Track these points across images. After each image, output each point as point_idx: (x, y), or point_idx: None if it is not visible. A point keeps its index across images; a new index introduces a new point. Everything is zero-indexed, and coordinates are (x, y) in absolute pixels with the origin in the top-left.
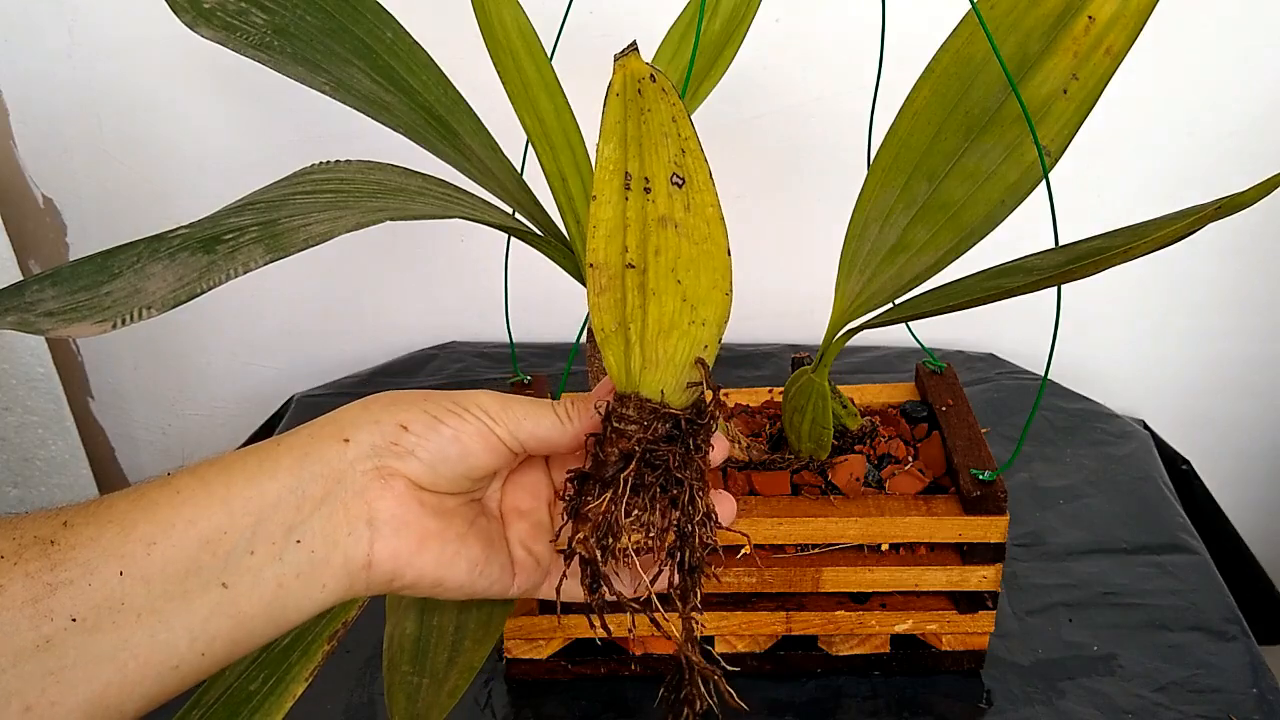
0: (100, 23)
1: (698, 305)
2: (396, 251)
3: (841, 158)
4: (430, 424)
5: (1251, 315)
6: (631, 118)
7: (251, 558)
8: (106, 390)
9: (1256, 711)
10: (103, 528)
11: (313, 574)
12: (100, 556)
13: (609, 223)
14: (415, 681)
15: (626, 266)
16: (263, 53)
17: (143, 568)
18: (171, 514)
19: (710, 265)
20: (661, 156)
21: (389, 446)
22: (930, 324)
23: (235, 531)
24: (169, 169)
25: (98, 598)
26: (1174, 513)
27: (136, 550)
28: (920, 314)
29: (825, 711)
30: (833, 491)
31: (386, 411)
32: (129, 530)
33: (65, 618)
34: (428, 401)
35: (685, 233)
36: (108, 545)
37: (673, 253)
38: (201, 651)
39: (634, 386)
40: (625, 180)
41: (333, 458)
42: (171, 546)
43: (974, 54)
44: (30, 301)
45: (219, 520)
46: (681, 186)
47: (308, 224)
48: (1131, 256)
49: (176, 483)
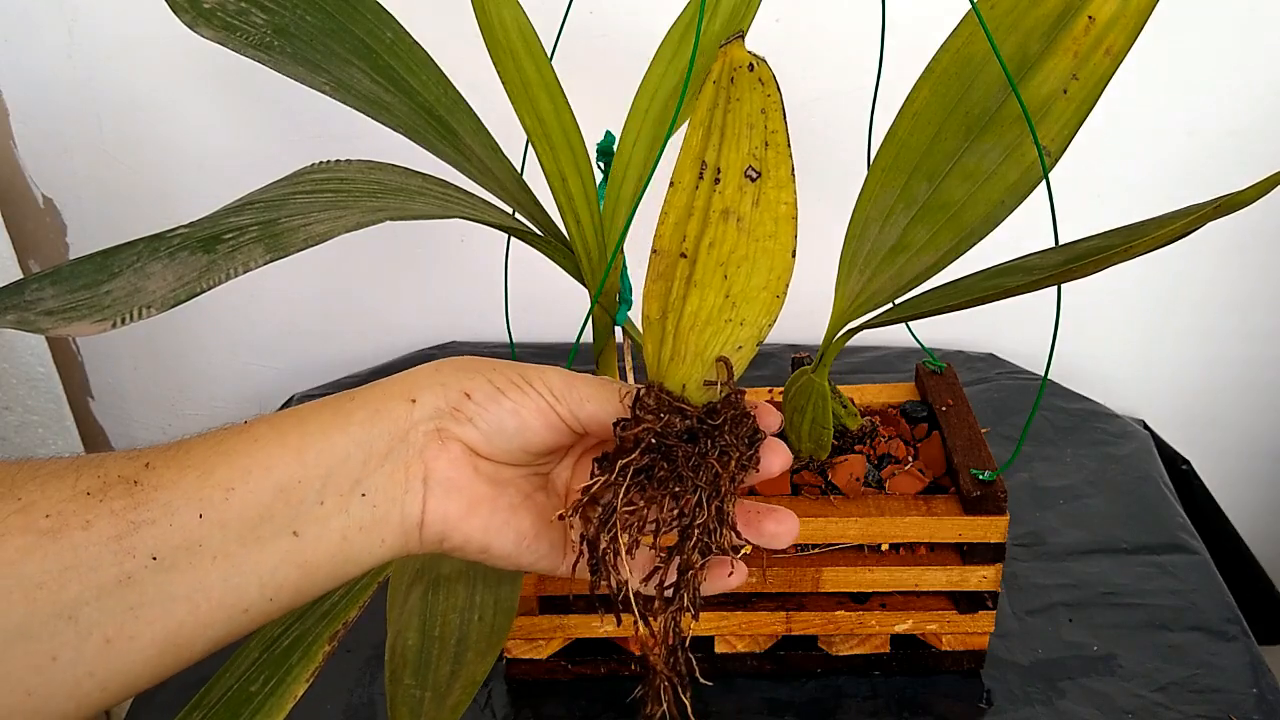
0: (100, 23)
1: (740, 303)
2: (396, 251)
3: (841, 158)
4: (492, 395)
5: (1251, 315)
6: (719, 106)
7: (321, 508)
8: (106, 390)
9: (1256, 711)
10: (183, 471)
11: (374, 528)
12: (181, 499)
13: (678, 210)
14: (418, 695)
15: (680, 255)
16: (263, 53)
17: (220, 512)
18: (249, 461)
19: (766, 264)
20: (741, 148)
21: (450, 411)
22: (930, 324)
23: (308, 482)
24: (169, 169)
25: (177, 538)
26: (1174, 513)
27: (215, 495)
28: (920, 314)
29: (825, 711)
30: (833, 491)
31: (454, 376)
32: (208, 475)
33: (146, 555)
34: (494, 371)
35: (747, 228)
36: (188, 488)
37: (727, 246)
38: (270, 597)
39: (660, 377)
40: (700, 169)
41: (400, 416)
42: (249, 493)
43: (974, 54)
44: (30, 300)
45: (294, 470)
46: (755, 180)
47: (308, 224)
48: (1131, 256)
49: (254, 430)
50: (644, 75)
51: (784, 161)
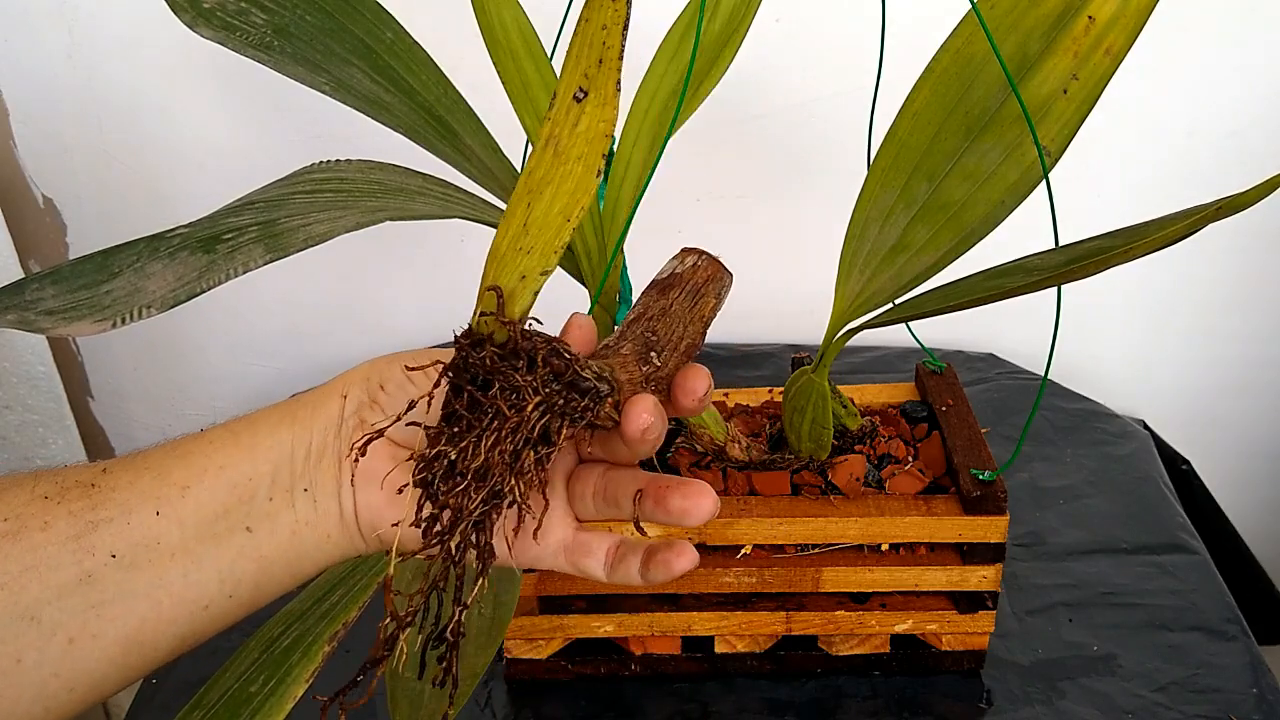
0: (100, 23)
1: (532, 231)
2: (396, 251)
3: (841, 158)
4: (402, 383)
5: (1252, 315)
6: (579, 31)
7: (270, 504)
8: (106, 390)
9: (1256, 711)
10: (139, 473)
11: (318, 523)
12: (138, 498)
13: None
14: (418, 688)
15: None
16: (263, 53)
17: (177, 510)
18: (204, 461)
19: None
20: (579, 69)
21: (369, 403)
22: (930, 324)
23: (258, 479)
24: (169, 169)
25: (136, 536)
26: (1174, 513)
27: (172, 493)
28: (920, 314)
29: (825, 711)
30: (833, 491)
31: (375, 370)
32: (164, 475)
33: (106, 553)
34: (411, 359)
35: (561, 152)
36: (145, 488)
37: (539, 174)
38: (229, 593)
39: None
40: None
41: (334, 411)
42: (204, 490)
43: (974, 54)
44: (30, 300)
45: (245, 467)
46: (580, 101)
47: (307, 224)
48: (1132, 257)
49: (209, 435)
50: (644, 75)
51: (611, 76)
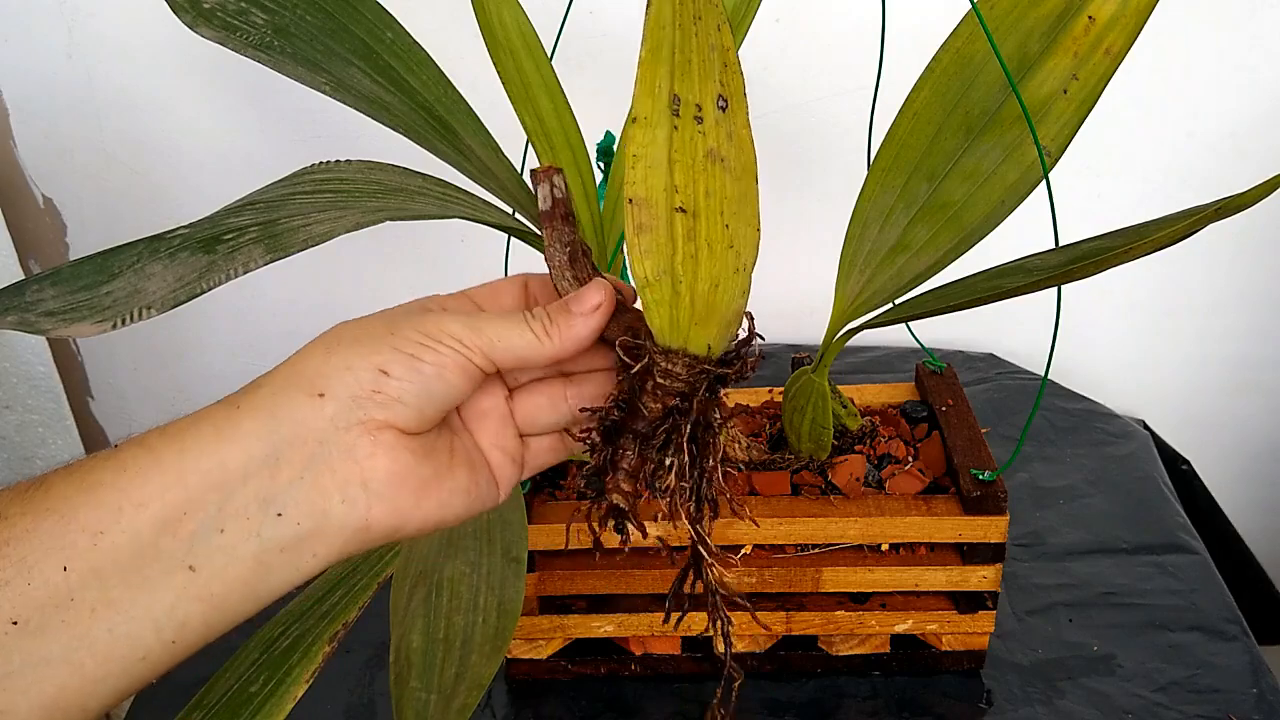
0: (100, 23)
1: (740, 249)
2: (396, 251)
3: (841, 158)
4: (409, 364)
5: (1252, 315)
6: (683, 26)
7: (222, 536)
8: (106, 390)
9: (1256, 711)
10: (39, 518)
11: (300, 546)
12: (39, 551)
13: (653, 155)
14: (424, 697)
15: (676, 210)
16: (263, 53)
17: (90, 560)
18: (118, 496)
19: (749, 201)
20: (711, 76)
21: (371, 396)
22: (930, 324)
23: (197, 510)
24: (169, 169)
25: (40, 596)
26: (1174, 513)
27: (81, 542)
28: (920, 314)
29: (825, 711)
30: (833, 491)
31: (357, 355)
32: (70, 519)
33: (5, 621)
34: (395, 337)
35: (729, 167)
36: (46, 538)
37: (721, 194)
38: (171, 639)
39: (682, 342)
40: (673, 104)
41: (308, 416)
42: (121, 534)
43: (974, 54)
44: (30, 301)
45: (175, 499)
46: (725, 110)
47: (307, 224)
48: (1132, 257)
49: (121, 457)
50: None
51: (740, 82)
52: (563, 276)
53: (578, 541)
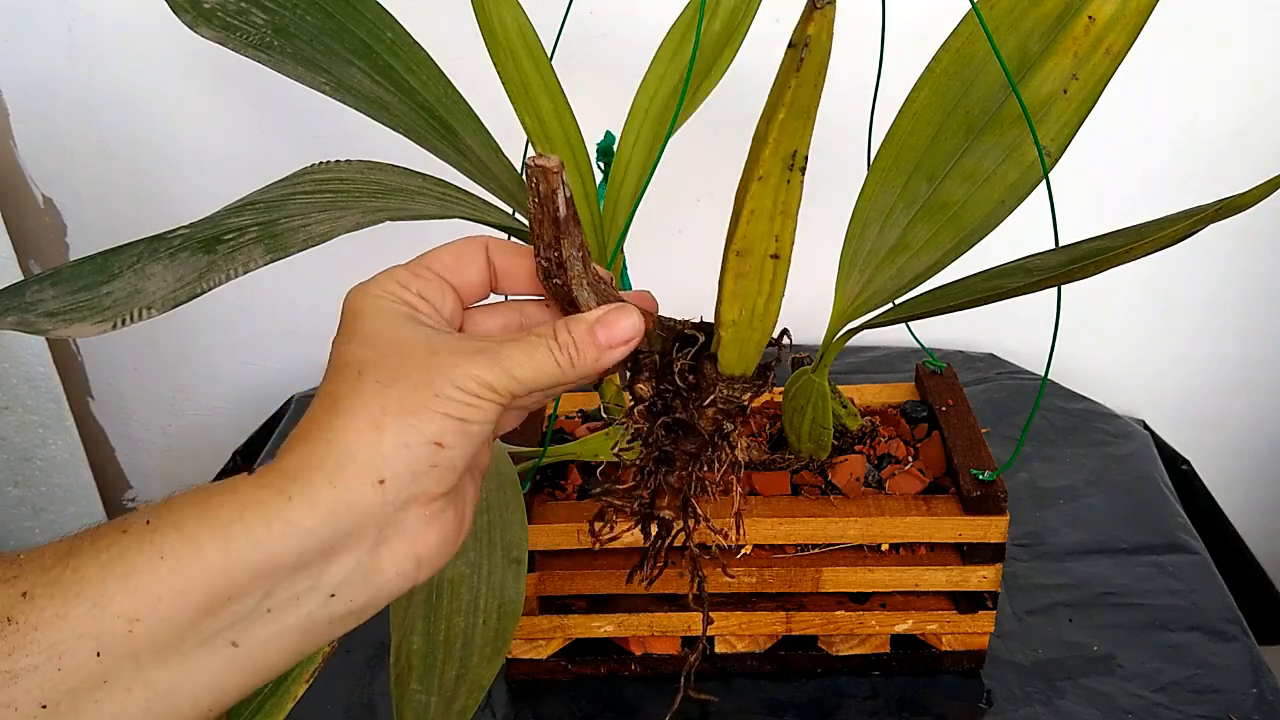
0: (100, 22)
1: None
2: (396, 251)
3: (841, 158)
4: (461, 430)
5: (1252, 315)
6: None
7: (269, 615)
8: (106, 390)
9: (1256, 711)
10: (70, 603)
11: (349, 618)
12: (70, 638)
13: (764, 207)
14: (424, 700)
15: (771, 256)
16: (263, 53)
17: (126, 645)
18: (156, 584)
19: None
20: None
21: (427, 470)
22: (930, 324)
23: (244, 596)
24: (169, 169)
25: (72, 682)
26: (1174, 513)
27: (115, 628)
28: (920, 314)
29: (825, 711)
30: (833, 491)
31: (409, 428)
32: (103, 606)
33: (33, 705)
34: (440, 399)
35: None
36: (78, 624)
37: (785, 237)
38: (209, 707)
39: (744, 369)
40: (790, 159)
41: (369, 505)
42: (160, 621)
43: (974, 54)
44: (30, 301)
45: (219, 588)
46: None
47: (307, 224)
48: (1132, 257)
49: (160, 543)
50: (644, 75)
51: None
52: (581, 285)
53: (578, 542)
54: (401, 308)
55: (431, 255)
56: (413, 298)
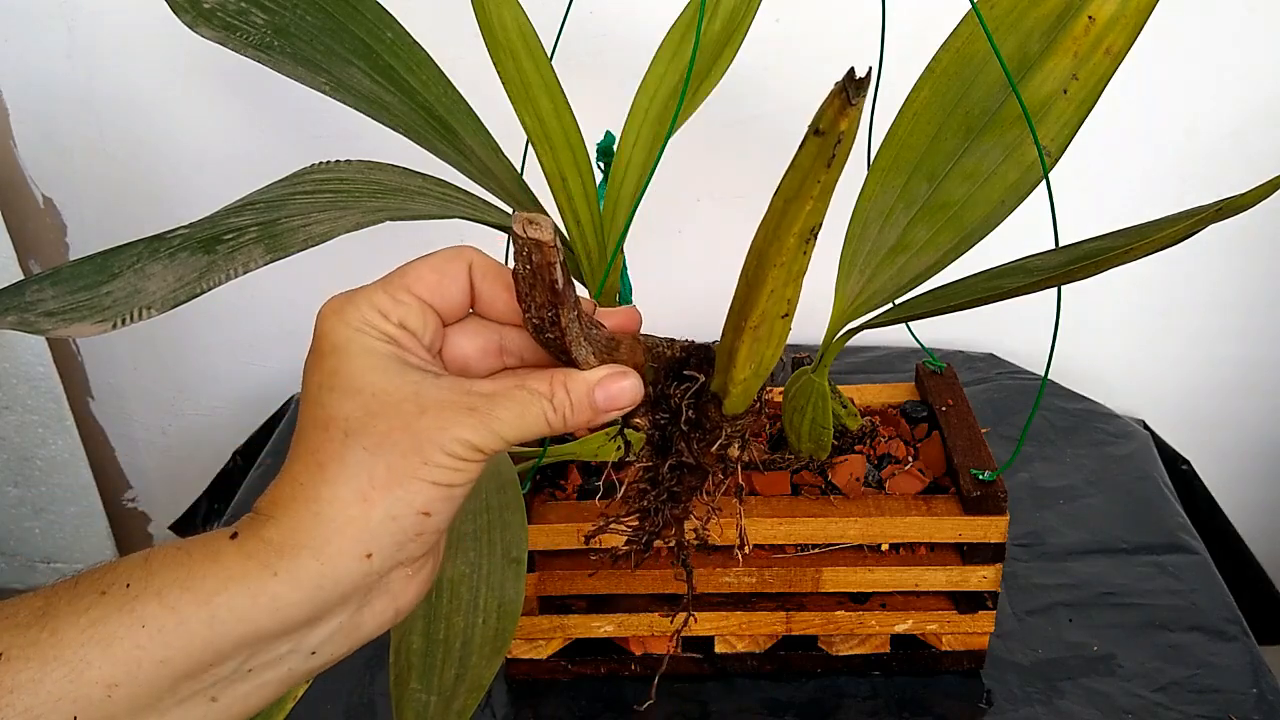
0: (100, 22)
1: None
2: (396, 251)
3: None
4: (447, 497)
5: (1252, 316)
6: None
7: (250, 674)
8: (106, 390)
9: (1256, 711)
10: (47, 666)
11: (328, 666)
12: (46, 702)
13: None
14: (424, 699)
15: (781, 316)
16: (263, 53)
17: (103, 710)
18: (136, 652)
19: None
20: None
21: (414, 538)
22: (930, 324)
23: (225, 662)
24: (169, 169)
25: None
26: (1174, 513)
27: (93, 693)
28: (920, 314)
29: (825, 711)
30: (833, 491)
31: (397, 500)
32: (82, 670)
33: None
34: (425, 467)
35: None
36: (55, 688)
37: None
38: None
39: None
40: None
41: (355, 577)
42: (138, 686)
43: (974, 54)
44: (30, 301)
45: (201, 656)
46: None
47: (307, 224)
48: (1132, 257)
49: (140, 611)
50: (644, 75)
51: None
52: (579, 344)
53: (578, 542)
54: (385, 346)
55: (412, 274)
56: (395, 330)
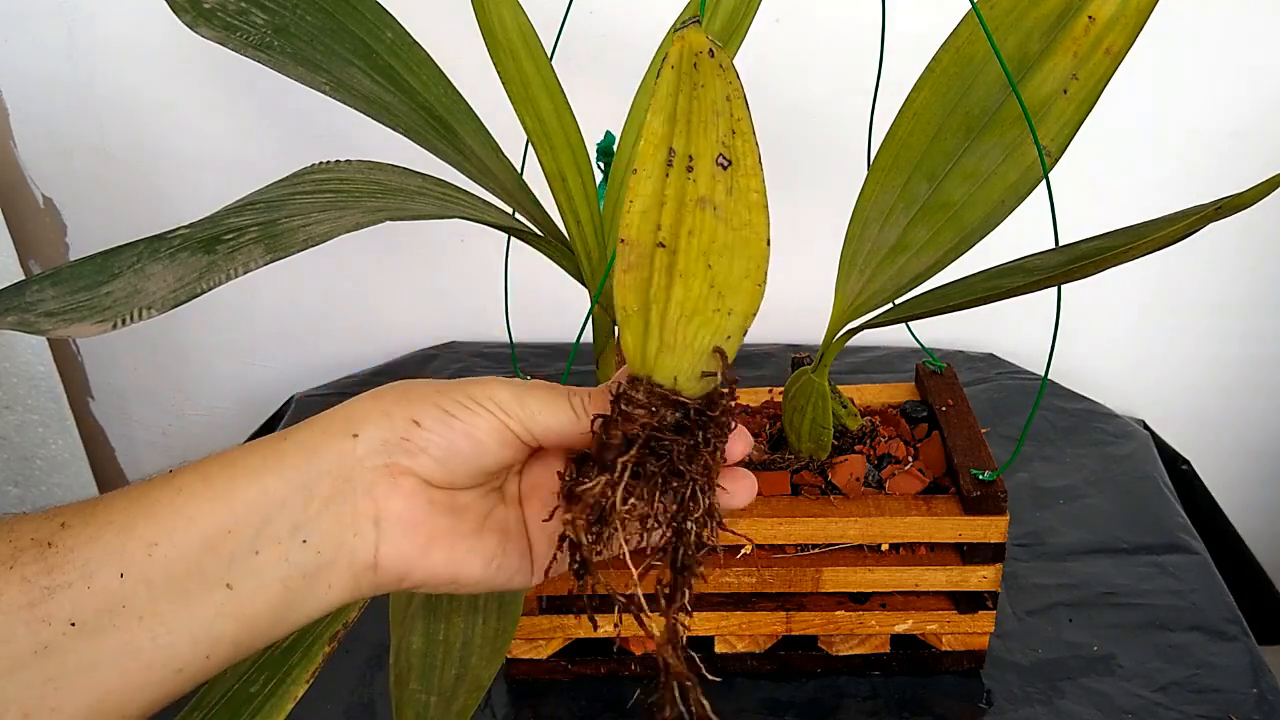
0: (100, 23)
1: (726, 293)
2: (396, 251)
3: (841, 158)
4: (442, 418)
5: (1252, 315)
6: (684, 92)
7: (256, 558)
8: (106, 390)
9: (1256, 711)
10: (101, 529)
11: (320, 574)
12: (99, 559)
13: (646, 199)
14: (424, 699)
15: (657, 245)
16: (263, 53)
17: (144, 569)
18: (173, 513)
19: (746, 253)
20: (710, 135)
21: (400, 442)
22: (930, 324)
23: (239, 531)
24: (169, 169)
25: (98, 601)
26: (1174, 513)
27: (137, 551)
28: (920, 314)
29: (825, 711)
30: (833, 491)
31: (398, 405)
32: (129, 531)
33: (64, 622)
34: (440, 395)
35: (724, 217)
36: (107, 547)
37: (707, 236)
38: (206, 654)
39: (648, 370)
40: (668, 156)
41: (342, 454)
42: (173, 547)
43: (974, 54)
44: (31, 301)
45: (222, 519)
46: (727, 169)
47: (308, 224)
48: (1131, 257)
49: (179, 480)
50: (644, 74)
51: (751, 150)
52: None
53: None
54: None
55: None
56: None
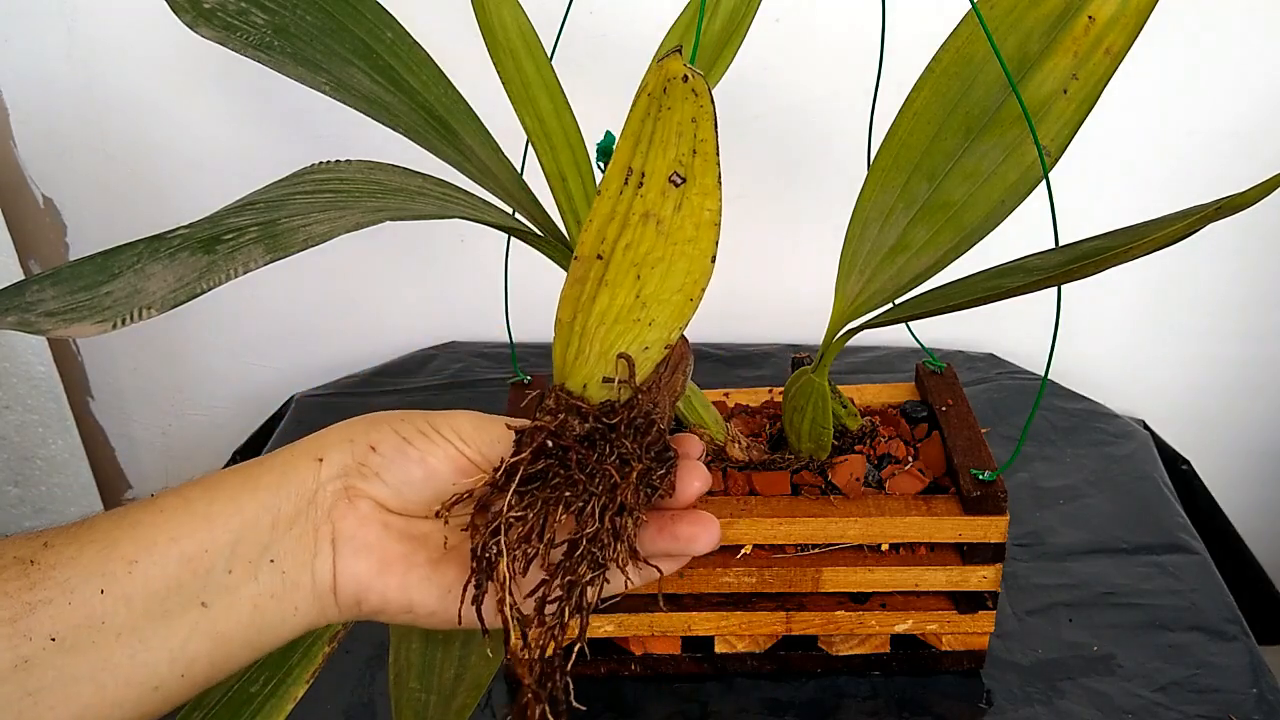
0: (100, 23)
1: (651, 304)
2: (396, 252)
3: (841, 158)
4: (398, 445)
5: (1252, 315)
6: (651, 115)
7: (229, 576)
8: (106, 390)
9: (1256, 711)
10: (83, 547)
11: (286, 595)
12: (81, 575)
13: (601, 217)
14: (423, 698)
15: (595, 257)
16: (263, 53)
17: (124, 586)
18: (154, 532)
19: (684, 268)
20: (668, 154)
21: (356, 467)
22: (930, 324)
23: (215, 549)
24: (169, 169)
25: (78, 617)
26: (1174, 513)
27: (118, 569)
28: (920, 314)
29: (825, 711)
30: (833, 491)
31: (362, 431)
32: (111, 549)
33: (44, 637)
34: (402, 422)
35: (666, 231)
36: (88, 564)
37: (644, 248)
38: (181, 673)
39: (563, 377)
40: (626, 176)
41: (307, 477)
42: (153, 564)
43: (974, 54)
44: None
45: (200, 538)
46: (679, 186)
47: (308, 224)
48: (1131, 256)
49: (160, 502)
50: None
51: (711, 169)
52: None
53: None
54: None
55: None
56: None
